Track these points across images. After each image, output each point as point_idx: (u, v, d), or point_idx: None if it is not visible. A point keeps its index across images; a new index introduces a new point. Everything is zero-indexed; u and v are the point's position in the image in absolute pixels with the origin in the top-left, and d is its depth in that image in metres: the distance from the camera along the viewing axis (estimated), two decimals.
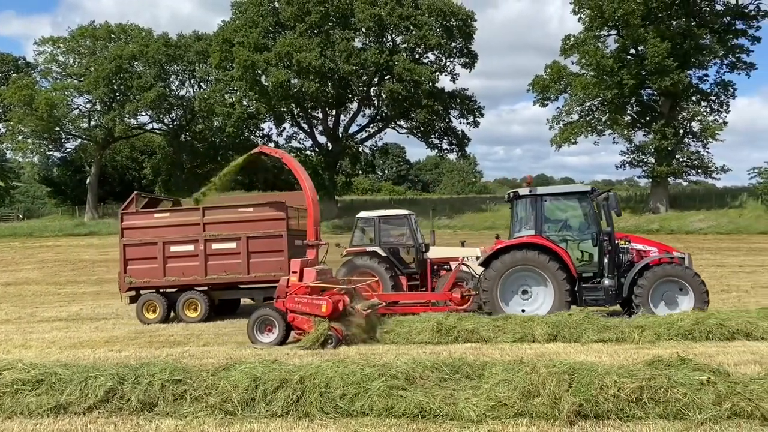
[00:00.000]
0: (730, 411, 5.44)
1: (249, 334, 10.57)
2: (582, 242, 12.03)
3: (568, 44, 42.25)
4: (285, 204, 14.23)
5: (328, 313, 9.78)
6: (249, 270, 14.02)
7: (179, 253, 14.29)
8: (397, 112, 44.45)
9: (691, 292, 11.10)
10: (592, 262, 11.86)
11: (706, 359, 7.36)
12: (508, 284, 11.60)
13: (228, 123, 42.22)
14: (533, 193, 12.00)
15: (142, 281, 14.47)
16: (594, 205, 11.91)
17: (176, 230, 14.33)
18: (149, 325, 13.76)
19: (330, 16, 41.37)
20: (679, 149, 41.03)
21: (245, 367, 6.53)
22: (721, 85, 41.84)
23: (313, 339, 9.52)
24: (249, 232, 14.00)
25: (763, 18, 40.24)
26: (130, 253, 14.53)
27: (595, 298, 11.54)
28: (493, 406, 5.66)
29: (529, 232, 11.90)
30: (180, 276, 14.26)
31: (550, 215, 12.21)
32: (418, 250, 15.05)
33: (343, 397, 5.91)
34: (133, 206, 14.99)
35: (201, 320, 13.87)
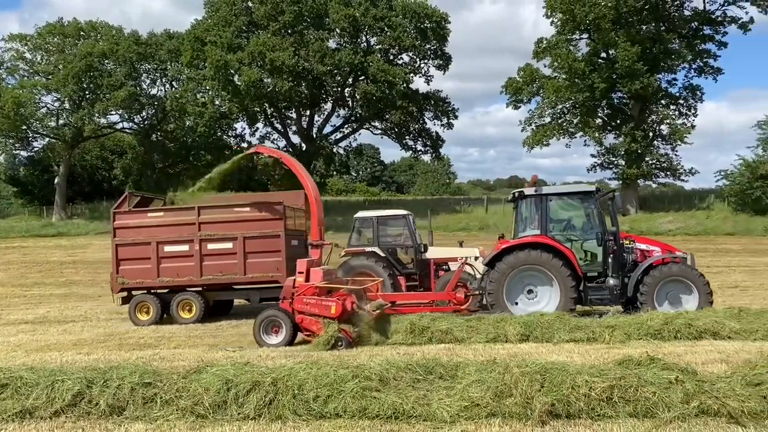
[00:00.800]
0: (697, 409, 5.54)
1: (255, 336, 10.41)
2: (586, 242, 12.07)
3: (541, 47, 42.69)
4: (283, 204, 14.11)
5: (337, 315, 9.68)
6: (246, 270, 13.88)
7: (174, 253, 14.10)
8: (372, 113, 44.44)
9: (696, 291, 11.29)
10: (596, 261, 11.93)
11: (675, 358, 7.49)
12: (514, 284, 11.62)
13: (200, 123, 41.74)
14: (538, 193, 12.04)
15: (135, 282, 14.24)
16: (598, 205, 12.02)
17: (171, 230, 14.13)
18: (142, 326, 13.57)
19: (304, 16, 41.18)
20: (648, 152, 41.70)
21: (217, 369, 6.47)
22: (689, 89, 42.65)
23: (324, 341, 9.40)
24: (246, 232, 13.86)
25: (729, 24, 41.12)
26: (122, 253, 14.31)
27: (600, 298, 11.68)
28: (466, 407, 5.69)
29: (534, 232, 11.95)
30: (174, 276, 14.07)
31: (555, 215, 12.26)
32: (417, 250, 15.08)
33: (317, 399, 5.89)
34: (126, 205, 14.73)
35: (196, 321, 13.70)
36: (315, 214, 11.96)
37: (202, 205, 14.31)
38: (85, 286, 22.94)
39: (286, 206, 14.13)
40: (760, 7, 39.26)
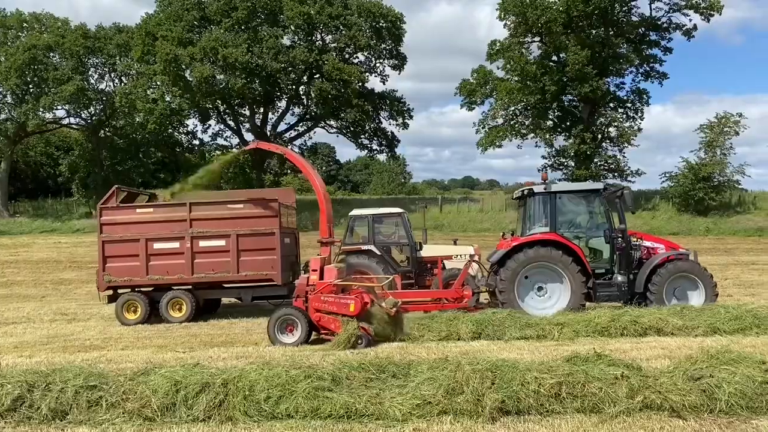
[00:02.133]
0: (641, 404, 5.71)
1: (270, 335, 10.22)
2: (594, 239, 12.25)
3: (494, 49, 43.24)
4: (278, 201, 13.88)
5: (356, 313, 9.54)
6: (239, 268, 13.57)
7: (164, 250, 13.71)
8: (327, 112, 44.23)
9: (702, 287, 11.61)
10: (604, 258, 12.13)
11: (621, 354, 7.71)
12: (524, 281, 11.70)
13: (150, 119, 40.76)
14: (548, 191, 12.10)
15: (122, 280, 13.79)
16: (606, 203, 12.19)
17: (160, 226, 13.73)
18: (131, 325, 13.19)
19: (257, 13, 40.69)
20: (597, 153, 42.73)
21: (166, 371, 6.34)
22: (636, 92, 43.89)
23: (345, 340, 9.27)
24: (239, 230, 13.56)
25: (674, 30, 42.51)
26: (109, 250, 13.83)
27: (609, 294, 11.87)
28: (418, 405, 5.72)
29: (543, 230, 12.02)
30: (164, 274, 13.68)
31: (563, 212, 12.36)
32: (413, 248, 15.03)
33: (268, 400, 5.83)
34: (113, 200, 14.20)
35: (186, 320, 13.36)
36: (324, 210, 11.77)
37: (194, 201, 13.98)
38: (27, 287, 22.17)
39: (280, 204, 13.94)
40: (703, 15, 40.69)
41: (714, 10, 40.08)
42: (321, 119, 46.13)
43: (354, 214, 15.53)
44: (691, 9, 40.75)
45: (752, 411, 5.60)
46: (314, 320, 10.11)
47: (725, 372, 5.95)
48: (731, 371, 5.96)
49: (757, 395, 5.71)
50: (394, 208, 16.59)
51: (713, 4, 39.90)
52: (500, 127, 44.42)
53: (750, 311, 10.17)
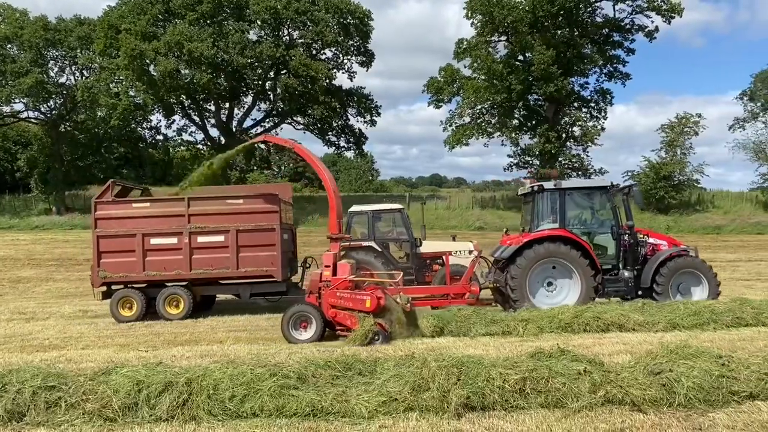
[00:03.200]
0: (603, 398, 5.81)
1: (284, 332, 10.06)
2: (602, 235, 12.43)
3: (461, 48, 43.50)
4: (278, 196, 13.73)
5: (372, 309, 9.43)
6: (238, 265, 13.40)
7: (161, 246, 13.46)
8: (294, 108, 43.92)
9: (705, 282, 11.95)
10: (609, 254, 12.32)
11: (584, 350, 7.82)
12: (534, 276, 11.82)
13: (113, 114, 39.92)
14: (558, 187, 12.22)
15: (118, 276, 13.50)
16: (613, 200, 12.38)
17: (158, 221, 13.47)
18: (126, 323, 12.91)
19: (223, 7, 40.15)
20: (561, 152, 43.36)
21: (127, 370, 6.21)
22: (599, 92, 44.68)
23: (361, 336, 9.13)
24: (239, 225, 13.37)
25: (637, 32, 43.37)
26: (104, 246, 13.50)
27: (617, 289, 12.14)
28: (384, 402, 5.72)
29: (552, 226, 12.15)
30: (161, 270, 13.44)
31: (572, 209, 12.52)
32: (414, 244, 15.06)
33: (233, 399, 5.76)
34: (109, 195, 13.87)
35: (184, 317, 13.16)
36: (334, 207, 11.62)
37: (192, 196, 13.75)
38: None
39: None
40: (664, 17, 41.60)
41: (675, 12, 41.02)
42: (288, 115, 45.80)
43: (353, 210, 15.52)
44: (653, 11, 41.64)
45: (709, 404, 5.74)
46: (330, 316, 10.03)
47: (684, 366, 6.09)
48: (689, 366, 6.10)
49: (714, 389, 5.85)
50: (393, 204, 16.71)
51: (674, 7, 40.85)
52: (467, 125, 44.73)
53: (707, 307, 10.41)
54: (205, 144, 45.17)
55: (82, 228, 37.60)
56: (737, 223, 37.88)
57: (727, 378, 5.99)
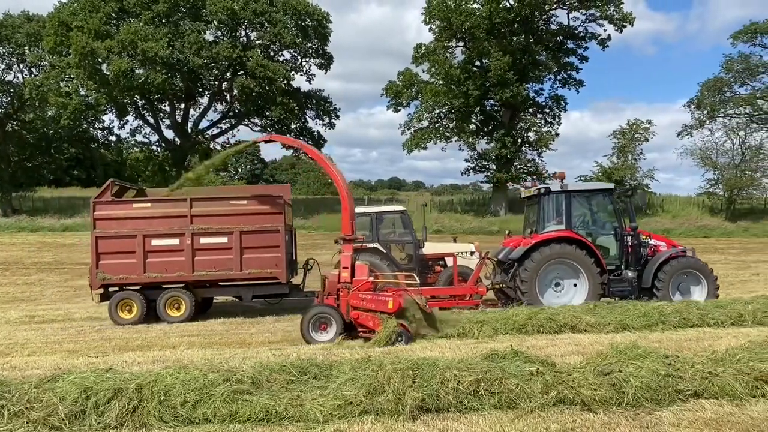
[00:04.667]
0: (555, 398, 5.90)
1: (303, 333, 9.92)
2: (605, 237, 12.72)
3: (420, 53, 43.79)
4: (282, 197, 13.53)
5: (395, 310, 9.36)
6: (242, 266, 13.13)
7: (162, 247, 13.09)
8: (251, 109, 43.49)
9: (705, 282, 12.32)
10: (610, 255, 12.59)
11: (537, 351, 7.96)
12: (542, 277, 12.04)
13: (64, 113, 38.79)
14: (564, 189, 12.45)
15: (117, 278, 13.05)
16: (616, 202, 12.70)
17: (159, 222, 13.10)
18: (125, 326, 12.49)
19: (179, 6, 39.57)
20: (517, 157, 44.05)
21: (75, 377, 6.03)
22: (554, 99, 45.59)
23: (385, 337, 9.04)
24: (243, 226, 13.12)
25: (590, 40, 44.43)
26: (103, 247, 13.06)
27: (621, 289, 12.38)
28: (339, 406, 5.70)
29: (558, 227, 12.37)
30: (163, 272, 13.06)
31: (577, 210, 12.78)
32: (417, 246, 15.07)
33: (185, 405, 5.66)
34: (108, 194, 13.42)
35: (185, 320, 12.82)
36: (347, 207, 11.43)
37: (195, 196, 13.43)
38: None
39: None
40: (616, 26, 42.73)
41: (626, 21, 42.18)
42: (245, 117, 45.33)
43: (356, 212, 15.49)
44: (606, 20, 42.73)
45: (656, 403, 5.91)
46: (352, 318, 10.02)
47: (632, 367, 6.24)
48: (638, 366, 6.26)
49: (661, 388, 6.02)
50: (396, 206, 16.81)
51: (625, 16, 42.01)
52: (425, 129, 45.03)
53: (656, 308, 10.71)
54: (159, 145, 44.34)
55: (30, 230, 36.45)
56: (685, 227, 39.09)
57: (673, 377, 6.17)
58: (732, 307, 10.76)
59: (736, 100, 43.76)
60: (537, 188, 13.18)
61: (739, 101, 43.55)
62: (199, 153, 44.62)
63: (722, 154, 42.52)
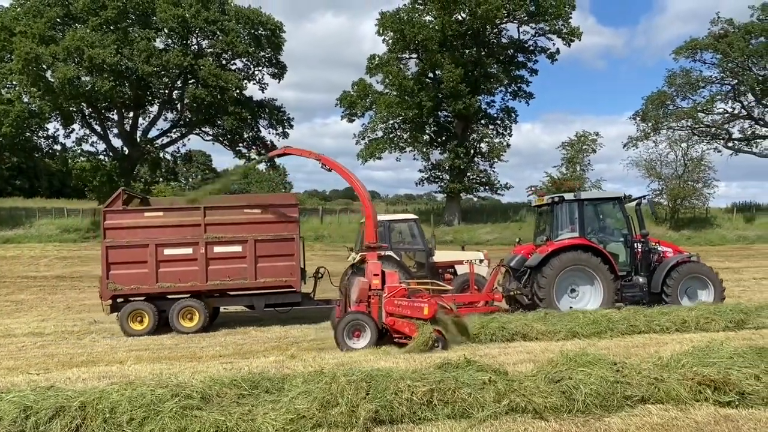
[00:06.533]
0: (507, 407, 5.96)
1: (338, 340, 9.90)
2: (616, 244, 13.01)
3: (374, 64, 44.01)
4: (297, 205, 13.44)
5: (430, 316, 9.34)
6: (257, 275, 12.86)
7: (175, 256, 12.75)
8: (202, 118, 42.81)
9: (712, 287, 12.72)
10: (620, 261, 12.84)
11: (490, 360, 8.03)
12: (558, 283, 12.26)
13: (5, 121, 37.34)
14: (577, 198, 12.80)
15: (129, 288, 12.63)
16: (626, 209, 13.03)
17: (172, 231, 12.76)
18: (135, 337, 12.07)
19: (128, 13, 38.72)
20: (470, 168, 44.61)
21: (14, 396, 5.79)
22: (505, 111, 46.40)
23: (422, 343, 9.05)
24: (257, 235, 12.87)
25: (540, 53, 45.46)
26: (114, 257, 12.65)
27: (633, 295, 12.69)
28: (291, 419, 5.62)
29: (571, 235, 12.69)
30: (176, 282, 12.70)
31: (589, 218, 13.03)
32: (428, 254, 15.13)
33: (131, 422, 5.48)
34: (119, 203, 12.94)
35: (198, 330, 12.50)
36: (370, 215, 11.37)
37: (209, 205, 13.13)
38: None
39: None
40: (565, 40, 43.86)
41: (574, 36, 43.36)
42: (196, 126, 44.57)
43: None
44: (555, 34, 43.82)
45: (605, 409, 6.02)
46: (387, 324, 10.06)
47: (582, 374, 6.36)
48: (587, 373, 6.37)
49: (610, 394, 6.15)
50: (407, 215, 16.91)
51: (573, 31, 43.18)
52: (380, 139, 45.20)
53: (605, 315, 10.95)
54: (107, 155, 43.12)
55: None
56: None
57: (621, 383, 6.30)
58: (676, 313, 11.09)
59: (678, 113, 45.39)
60: (550, 197, 13.54)
61: (681, 114, 45.19)
62: (149, 162, 43.65)
63: (666, 165, 43.98)
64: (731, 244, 37.12)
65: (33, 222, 40.75)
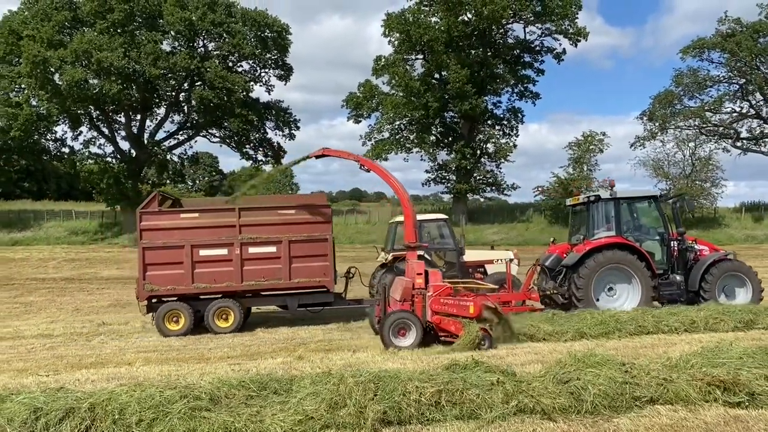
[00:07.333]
0: (516, 408, 5.94)
1: (384, 339, 9.94)
2: (652, 242, 12.95)
3: (380, 65, 44.07)
4: (330, 206, 13.56)
5: (476, 314, 9.40)
6: (291, 275, 13.00)
7: (210, 257, 12.90)
8: (209, 120, 42.96)
9: (750, 285, 12.60)
10: (656, 260, 12.75)
11: (498, 360, 8.01)
12: (596, 282, 12.24)
13: (14, 124, 37.59)
14: (614, 197, 12.69)
15: (165, 289, 12.76)
16: (662, 208, 12.98)
17: (207, 232, 12.91)
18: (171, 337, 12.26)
19: (135, 16, 38.90)
20: (476, 168, 44.59)
21: (24, 397, 5.81)
22: (511, 111, 46.38)
23: (469, 342, 9.10)
24: (291, 235, 12.99)
25: (546, 54, 45.42)
26: (150, 258, 12.78)
27: (671, 293, 12.62)
28: (300, 421, 5.61)
29: (608, 234, 12.62)
30: (211, 282, 12.85)
31: (626, 217, 13.00)
32: (459, 253, 15.18)
33: (140, 423, 5.49)
34: (155, 204, 13.13)
35: (233, 331, 12.69)
36: (409, 215, 11.46)
37: (243, 206, 13.30)
38: None
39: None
40: (571, 40, 43.79)
41: (581, 36, 43.29)
42: (203, 128, 44.74)
43: (398, 220, 15.52)
44: (561, 34, 43.74)
45: (614, 410, 5.99)
46: (434, 323, 10.11)
47: (590, 374, 6.33)
48: (596, 373, 6.34)
49: (618, 395, 6.12)
50: (437, 215, 17.04)
51: (580, 31, 43.11)
52: (386, 140, 45.26)
53: (613, 316, 10.91)
54: (114, 157, 43.31)
55: None
56: None
57: (630, 384, 6.27)
58: (685, 314, 11.04)
59: (685, 112, 45.21)
60: (585, 196, 13.47)
61: (689, 114, 45.00)
62: (156, 165, 43.80)
63: (674, 164, 43.84)
64: (740, 244, 36.89)
65: (41, 224, 41.05)
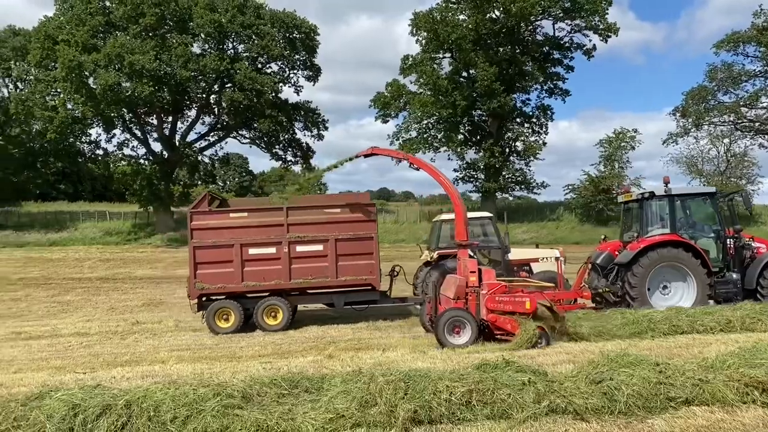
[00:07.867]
0: (548, 408, 5.88)
1: (439, 337, 9.98)
2: (708, 239, 12.76)
3: (407, 64, 44.04)
4: (375, 205, 13.69)
5: (532, 310, 9.43)
6: (338, 274, 13.24)
7: (259, 255, 13.18)
8: (239, 122, 43.46)
9: None
10: (711, 257, 12.54)
11: (529, 360, 7.93)
12: (651, 280, 12.13)
13: (50, 127, 38.51)
14: (668, 194, 12.53)
15: (216, 287, 13.10)
16: (718, 205, 12.81)
17: (256, 231, 13.19)
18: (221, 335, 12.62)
19: (166, 19, 39.54)
20: (505, 166, 44.26)
21: (62, 394, 5.93)
22: (540, 108, 45.92)
23: (527, 340, 9.11)
24: (337, 234, 13.22)
25: (576, 50, 44.87)
26: (201, 257, 13.12)
27: (726, 291, 12.41)
28: (331, 419, 5.65)
29: (662, 231, 12.48)
30: (261, 281, 13.14)
31: (680, 214, 12.86)
32: (505, 251, 15.16)
33: (174, 420, 5.57)
34: (205, 204, 13.51)
35: (282, 328, 12.92)
36: (460, 213, 11.55)
37: (291, 205, 13.58)
38: None
39: None
40: (601, 36, 43.18)
41: (611, 32, 42.66)
42: (233, 129, 45.27)
43: (442, 218, 15.66)
44: (591, 30, 43.17)
45: (648, 411, 5.90)
46: (489, 321, 10.09)
47: (624, 374, 6.24)
48: (629, 374, 6.25)
49: (653, 395, 6.02)
50: (482, 212, 16.96)
51: (610, 26, 42.49)
52: (414, 139, 45.19)
53: (645, 316, 10.73)
54: (147, 159, 44.08)
55: (16, 245, 36.12)
56: None
57: (664, 385, 6.17)
58: (720, 313, 10.80)
59: (720, 108, 44.24)
60: (639, 193, 13.28)
61: (723, 109, 44.03)
62: (187, 166, 44.44)
63: (708, 161, 43.04)
64: None
65: (77, 225, 41.95)
